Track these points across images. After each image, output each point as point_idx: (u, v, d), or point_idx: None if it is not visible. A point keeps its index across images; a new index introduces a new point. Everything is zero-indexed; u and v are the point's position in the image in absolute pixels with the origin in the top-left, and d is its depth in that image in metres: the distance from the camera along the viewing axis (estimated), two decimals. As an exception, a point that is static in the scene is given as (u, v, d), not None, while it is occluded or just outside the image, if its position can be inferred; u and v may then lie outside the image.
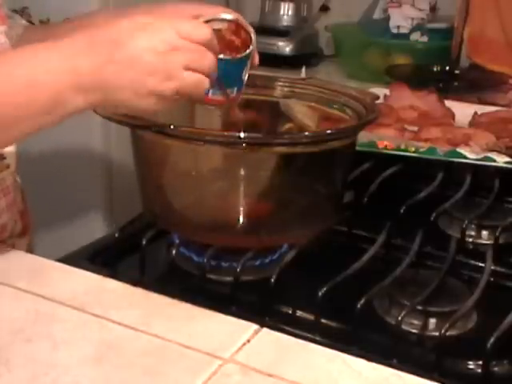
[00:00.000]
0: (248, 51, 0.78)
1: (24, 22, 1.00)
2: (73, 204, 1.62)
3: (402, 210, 0.92)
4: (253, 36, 0.79)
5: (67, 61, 0.67)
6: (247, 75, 0.80)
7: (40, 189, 1.37)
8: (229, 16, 0.80)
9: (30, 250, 1.00)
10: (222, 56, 0.76)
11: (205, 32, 0.70)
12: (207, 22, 0.77)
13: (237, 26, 0.80)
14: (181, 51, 0.68)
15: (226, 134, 0.79)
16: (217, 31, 0.77)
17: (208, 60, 0.70)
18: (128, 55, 0.67)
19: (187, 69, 0.69)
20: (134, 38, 0.67)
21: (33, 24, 1.00)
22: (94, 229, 1.58)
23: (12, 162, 0.91)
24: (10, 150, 0.91)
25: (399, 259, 0.81)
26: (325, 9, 2.01)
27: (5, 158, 0.89)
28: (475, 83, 1.56)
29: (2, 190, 0.89)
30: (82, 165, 1.59)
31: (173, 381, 0.60)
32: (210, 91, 0.78)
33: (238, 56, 0.77)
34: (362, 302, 0.71)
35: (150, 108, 0.70)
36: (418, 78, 1.58)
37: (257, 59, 0.82)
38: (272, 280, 0.76)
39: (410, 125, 1.21)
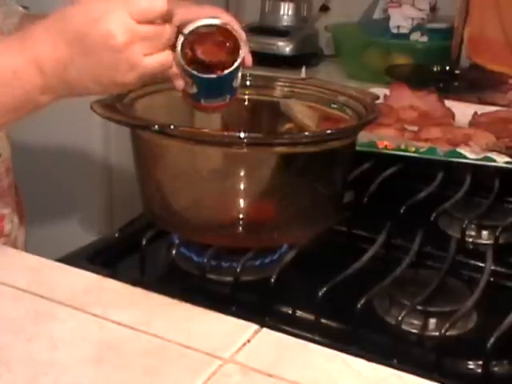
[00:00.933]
0: (236, 65, 0.78)
1: (21, 9, 0.98)
2: (73, 204, 1.62)
3: (402, 210, 0.92)
4: (242, 43, 0.79)
5: (32, 63, 0.68)
6: (239, 80, 0.81)
7: (40, 189, 1.37)
8: (217, 21, 0.79)
9: (26, 239, 1.01)
10: (208, 75, 0.77)
11: (160, 5, 0.68)
12: (198, 27, 0.77)
13: (228, 31, 0.80)
14: (138, 41, 0.67)
15: (226, 134, 0.79)
16: (208, 34, 0.77)
17: (166, 35, 0.70)
18: (88, 55, 0.67)
19: (148, 55, 0.68)
20: (91, 34, 0.66)
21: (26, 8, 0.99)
22: (94, 229, 1.58)
23: (3, 151, 0.91)
24: (2, 138, 0.91)
25: (399, 259, 0.81)
26: (325, 9, 2.01)
27: None
28: (475, 83, 1.56)
29: None
30: (81, 165, 1.59)
31: (173, 381, 0.60)
32: (202, 100, 0.78)
33: (226, 72, 0.77)
34: (362, 302, 0.71)
35: (118, 92, 0.74)
36: (418, 78, 1.58)
37: (249, 60, 0.82)
38: (272, 280, 0.76)
39: (409, 125, 1.21)
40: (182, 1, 0.83)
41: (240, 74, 0.81)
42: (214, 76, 0.77)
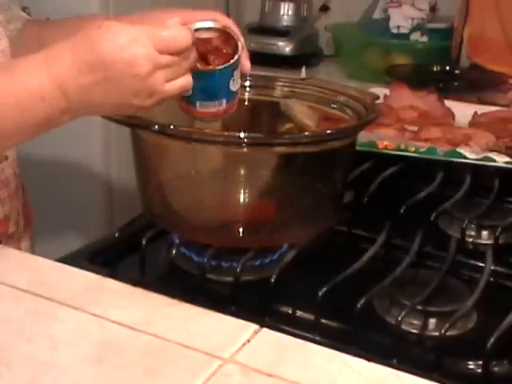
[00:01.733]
0: (231, 62, 0.77)
1: (24, 14, 0.99)
2: (73, 204, 1.62)
3: (402, 210, 0.92)
4: (240, 45, 0.79)
5: (57, 87, 0.69)
6: (238, 85, 0.80)
7: (40, 189, 1.37)
8: (215, 24, 0.79)
9: (33, 244, 1.01)
10: (203, 68, 0.76)
11: (185, 38, 0.71)
12: (196, 30, 0.77)
13: (226, 34, 0.80)
14: (160, 69, 0.70)
15: (226, 133, 0.79)
16: (206, 39, 0.77)
17: (188, 62, 0.72)
18: (112, 80, 0.69)
19: (169, 81, 0.71)
20: (116, 61, 0.68)
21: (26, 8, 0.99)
22: (94, 229, 1.58)
23: (10, 154, 0.91)
24: None
25: (399, 259, 0.81)
26: (325, 9, 2.01)
27: None
28: (475, 83, 1.56)
29: (2, 181, 0.90)
30: (82, 165, 1.59)
31: (173, 381, 0.60)
32: (197, 104, 0.78)
33: (219, 67, 0.77)
34: (362, 302, 0.71)
35: (133, 113, 0.75)
36: (418, 78, 1.58)
37: (247, 66, 0.82)
38: (272, 280, 0.76)
39: (410, 125, 1.21)
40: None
41: (239, 79, 0.80)
42: (207, 70, 0.76)
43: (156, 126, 0.75)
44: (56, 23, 0.97)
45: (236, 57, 0.77)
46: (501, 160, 1.03)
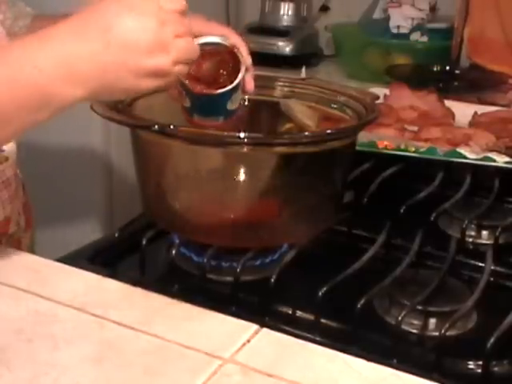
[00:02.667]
0: (228, 87, 0.77)
1: (29, 9, 0.98)
2: (73, 204, 1.62)
3: (402, 210, 0.92)
4: (243, 68, 0.79)
5: (57, 52, 0.66)
6: (237, 103, 0.81)
7: (40, 189, 1.37)
8: (223, 41, 0.80)
9: (33, 244, 1.01)
10: (199, 91, 0.77)
11: (181, 2, 0.71)
12: (205, 43, 0.77)
13: (232, 53, 0.80)
14: (167, 23, 0.69)
15: (226, 133, 0.79)
16: (212, 54, 0.78)
17: (187, 25, 0.71)
18: (122, 38, 0.67)
19: (177, 37, 0.70)
20: (124, 20, 0.67)
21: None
22: (94, 229, 1.58)
23: (11, 155, 0.91)
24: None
25: (399, 259, 0.81)
26: (325, 9, 2.01)
27: (3, 151, 0.89)
28: (475, 83, 1.56)
29: (3, 182, 0.89)
30: (82, 165, 1.59)
31: (173, 381, 0.60)
32: (194, 115, 0.78)
33: (216, 92, 0.77)
34: (362, 302, 0.71)
35: (149, 88, 0.71)
36: (418, 78, 1.58)
37: (251, 86, 0.83)
38: (272, 280, 0.76)
39: (410, 125, 1.21)
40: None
41: (239, 98, 0.81)
42: (203, 94, 0.78)
43: (156, 126, 0.75)
44: (66, 16, 0.95)
45: (236, 82, 0.78)
46: (501, 160, 1.03)
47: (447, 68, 1.69)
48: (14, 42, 0.70)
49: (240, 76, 0.79)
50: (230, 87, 0.78)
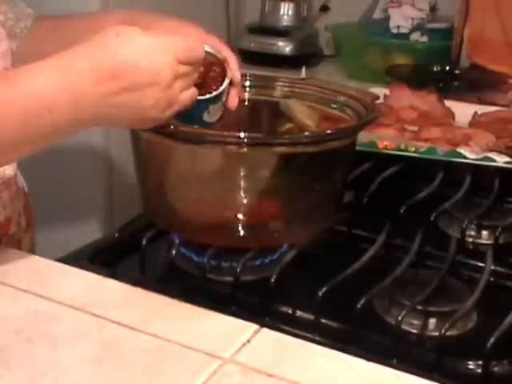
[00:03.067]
0: (202, 97, 0.77)
1: (31, 10, 0.96)
2: (73, 204, 1.62)
3: (402, 210, 0.92)
4: (226, 82, 0.80)
5: (67, 95, 0.65)
6: (216, 118, 0.81)
7: (40, 189, 1.36)
8: (216, 53, 0.81)
9: (33, 244, 1.01)
10: None
11: (200, 54, 0.72)
12: None
13: (222, 66, 0.81)
14: (179, 79, 0.69)
15: (226, 133, 0.79)
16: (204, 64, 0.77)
17: (196, 74, 0.73)
18: (133, 89, 0.67)
19: (183, 92, 0.71)
20: (139, 70, 0.66)
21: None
22: (94, 229, 1.58)
23: None
24: None
25: (399, 259, 0.81)
26: (325, 9, 2.01)
27: None
28: (475, 83, 1.56)
29: (4, 183, 0.89)
30: (82, 165, 1.59)
31: (172, 381, 0.60)
32: (172, 120, 0.77)
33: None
34: (362, 302, 0.71)
35: (147, 127, 0.74)
36: (418, 78, 1.58)
37: (234, 103, 0.83)
38: (272, 280, 0.76)
39: (410, 125, 1.21)
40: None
41: (218, 112, 0.81)
42: None
43: (156, 126, 0.75)
44: (70, 21, 0.93)
45: (215, 93, 0.78)
46: (501, 160, 1.03)
47: (447, 68, 1.69)
48: (23, 70, 0.66)
49: (221, 88, 0.79)
50: (207, 96, 0.78)
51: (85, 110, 0.66)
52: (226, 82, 0.80)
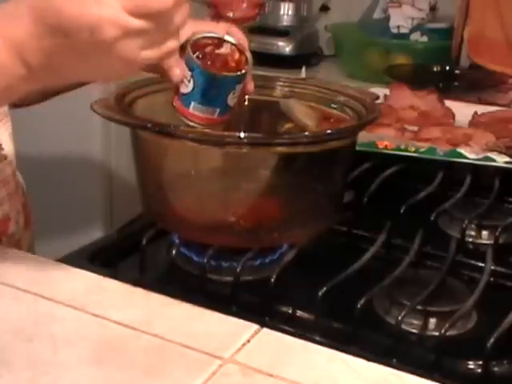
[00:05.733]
0: (238, 73, 0.77)
1: None
2: (73, 204, 1.62)
3: (402, 210, 0.92)
4: (249, 62, 0.79)
5: (15, 53, 0.61)
6: (235, 101, 0.79)
7: (40, 189, 1.37)
8: (228, 37, 0.79)
9: (33, 244, 1.01)
10: (209, 70, 0.75)
11: (162, 0, 0.60)
12: (205, 38, 0.77)
13: (237, 50, 0.80)
14: (131, 36, 0.60)
15: (226, 133, 0.79)
16: (217, 47, 0.77)
17: (167, 31, 0.63)
18: (74, 46, 0.60)
19: (146, 49, 0.62)
20: (78, 25, 0.59)
21: None
22: (94, 229, 1.59)
23: (8, 153, 0.91)
24: (6, 141, 0.91)
25: (399, 259, 0.81)
26: (325, 9, 2.01)
27: (3, 149, 0.89)
28: (475, 83, 1.56)
29: (1, 181, 0.89)
30: (82, 165, 1.59)
31: (173, 381, 0.60)
32: (192, 103, 0.77)
33: (225, 73, 0.76)
34: (362, 302, 0.71)
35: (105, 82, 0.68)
36: (418, 78, 1.58)
37: (251, 87, 0.82)
38: (272, 280, 0.76)
39: (409, 125, 1.21)
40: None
41: (237, 95, 0.79)
42: (214, 72, 0.76)
43: (156, 126, 0.75)
44: None
45: (243, 70, 0.77)
46: (501, 160, 1.03)
47: (447, 68, 1.69)
48: None
49: (247, 67, 0.78)
50: (239, 73, 0.77)
51: (33, 65, 0.62)
52: (250, 62, 0.79)
